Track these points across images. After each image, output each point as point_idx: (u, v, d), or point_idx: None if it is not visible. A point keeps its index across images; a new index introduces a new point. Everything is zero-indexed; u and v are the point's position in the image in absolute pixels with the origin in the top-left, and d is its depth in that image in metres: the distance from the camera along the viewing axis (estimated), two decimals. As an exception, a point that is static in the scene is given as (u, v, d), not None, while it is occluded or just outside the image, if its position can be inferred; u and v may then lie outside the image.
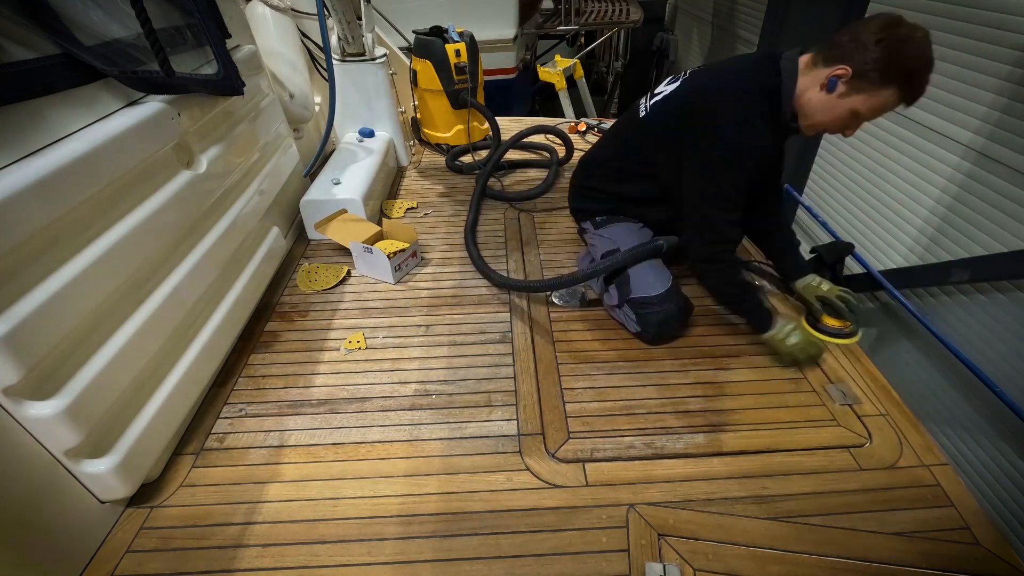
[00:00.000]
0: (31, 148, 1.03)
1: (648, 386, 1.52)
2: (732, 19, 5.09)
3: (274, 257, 1.93)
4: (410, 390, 1.54)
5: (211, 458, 1.35)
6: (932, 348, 2.43)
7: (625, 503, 1.21)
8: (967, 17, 2.30)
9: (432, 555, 1.12)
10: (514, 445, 1.36)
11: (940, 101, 2.46)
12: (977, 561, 1.08)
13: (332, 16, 2.43)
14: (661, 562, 1.08)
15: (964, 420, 2.30)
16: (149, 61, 1.29)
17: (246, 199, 1.74)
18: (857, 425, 1.38)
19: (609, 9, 5.54)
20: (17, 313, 0.94)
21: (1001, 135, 2.16)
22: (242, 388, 1.56)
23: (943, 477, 1.25)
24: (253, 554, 1.14)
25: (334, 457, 1.35)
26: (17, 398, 0.97)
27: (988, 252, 2.21)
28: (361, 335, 1.73)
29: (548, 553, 1.12)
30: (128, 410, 1.20)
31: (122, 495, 1.19)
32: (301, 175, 2.35)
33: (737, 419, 1.41)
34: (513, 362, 1.62)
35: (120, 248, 1.17)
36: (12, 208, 0.93)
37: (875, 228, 2.95)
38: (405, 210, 2.55)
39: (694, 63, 6.19)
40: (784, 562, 1.09)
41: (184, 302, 1.39)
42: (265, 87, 2.02)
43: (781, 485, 1.24)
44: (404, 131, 3.05)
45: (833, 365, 1.57)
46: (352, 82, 2.69)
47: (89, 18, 1.20)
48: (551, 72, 4.61)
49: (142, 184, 1.29)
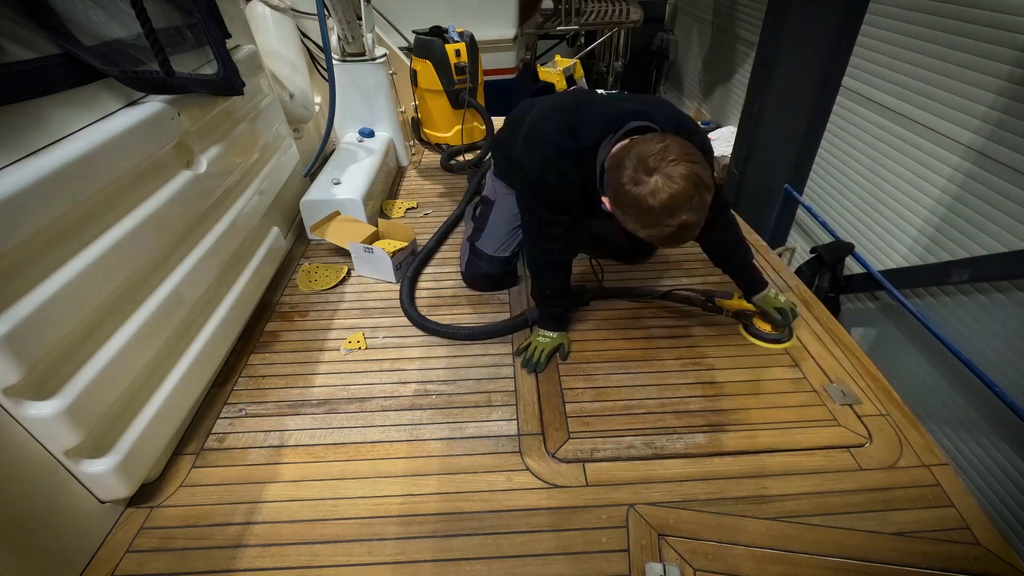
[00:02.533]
0: (31, 148, 1.03)
1: (648, 386, 1.52)
2: (732, 19, 5.09)
3: (274, 257, 1.93)
4: (410, 390, 1.54)
5: (211, 458, 1.35)
6: (932, 348, 2.43)
7: (625, 503, 1.21)
8: (967, 17, 2.30)
9: (432, 555, 1.12)
10: (514, 445, 1.36)
11: (940, 101, 2.46)
12: (977, 561, 1.08)
13: (332, 16, 2.43)
14: (661, 562, 1.08)
15: (964, 420, 2.31)
16: (149, 61, 1.29)
17: (246, 199, 1.74)
18: (857, 425, 1.38)
19: (609, 9, 5.54)
20: (17, 313, 0.94)
21: (1001, 135, 2.16)
22: (242, 388, 1.56)
23: (943, 477, 1.24)
24: (253, 554, 1.13)
25: (334, 457, 1.35)
26: (17, 398, 0.97)
27: (988, 252, 2.22)
28: (361, 335, 1.73)
29: (548, 553, 1.12)
30: (128, 410, 1.20)
31: (122, 495, 1.19)
32: (301, 175, 2.35)
33: (737, 419, 1.41)
34: (513, 362, 1.62)
35: (120, 248, 1.17)
36: (12, 208, 0.93)
37: (875, 228, 2.95)
38: (405, 210, 2.55)
39: (694, 63, 6.20)
40: (784, 562, 1.09)
41: (184, 302, 1.39)
42: (265, 87, 2.02)
43: (781, 485, 1.24)
44: (404, 131, 3.05)
45: (833, 365, 1.57)
46: (352, 82, 2.69)
47: (89, 18, 1.20)
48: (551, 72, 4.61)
49: (142, 184, 1.29)
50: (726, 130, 4.92)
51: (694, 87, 6.28)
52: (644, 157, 1.13)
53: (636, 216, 1.17)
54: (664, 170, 1.11)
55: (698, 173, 1.11)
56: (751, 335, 1.69)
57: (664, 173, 1.10)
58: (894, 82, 2.74)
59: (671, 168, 1.10)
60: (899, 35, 2.69)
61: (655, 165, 1.11)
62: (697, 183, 1.11)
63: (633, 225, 1.19)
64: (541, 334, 1.65)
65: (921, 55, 2.56)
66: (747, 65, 4.53)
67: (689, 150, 1.14)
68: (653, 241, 1.22)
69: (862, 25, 2.96)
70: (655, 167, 1.11)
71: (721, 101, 5.47)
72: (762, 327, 1.67)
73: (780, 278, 1.95)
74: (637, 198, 1.13)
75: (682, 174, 1.10)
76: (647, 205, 1.12)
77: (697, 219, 1.14)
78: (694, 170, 1.10)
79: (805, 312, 1.77)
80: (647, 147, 1.14)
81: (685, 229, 1.15)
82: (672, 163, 1.11)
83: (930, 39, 2.50)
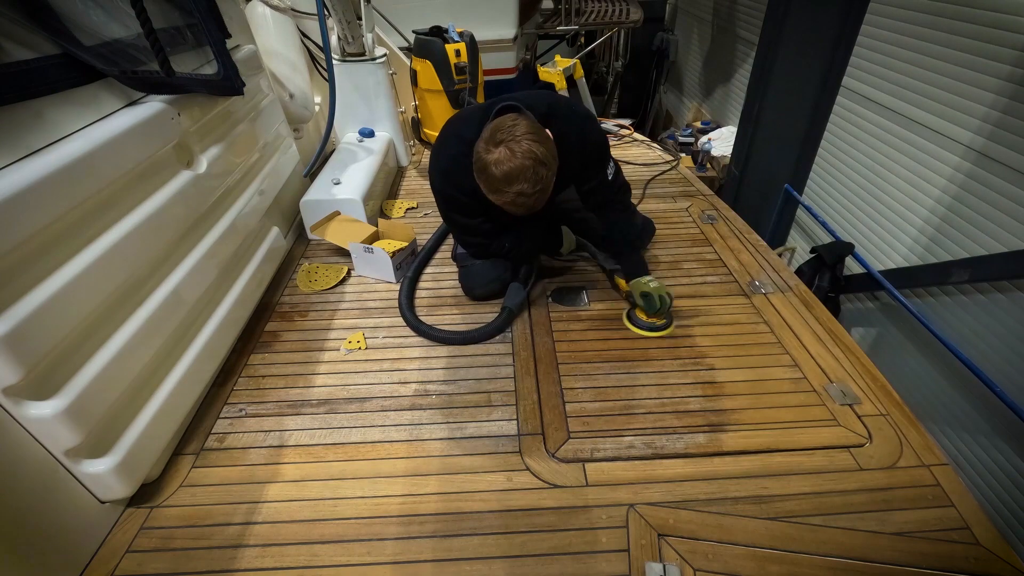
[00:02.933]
0: (31, 148, 1.03)
1: (648, 386, 1.52)
2: (732, 19, 5.09)
3: (274, 257, 1.93)
4: (410, 390, 1.54)
5: (211, 458, 1.35)
6: (932, 348, 2.43)
7: (625, 503, 1.21)
8: (967, 17, 2.30)
9: (432, 555, 1.12)
10: (514, 445, 1.36)
11: (940, 101, 2.46)
12: (977, 561, 1.08)
13: (332, 16, 2.43)
14: (661, 562, 1.08)
15: (964, 420, 2.30)
16: (149, 61, 1.29)
17: (246, 199, 1.74)
18: (857, 425, 1.38)
19: (609, 9, 5.53)
20: (17, 313, 0.94)
21: (1001, 135, 2.16)
22: (242, 388, 1.56)
23: (943, 477, 1.24)
24: (253, 554, 1.14)
25: (334, 457, 1.35)
26: (17, 398, 0.97)
27: (988, 252, 2.22)
28: (361, 335, 1.73)
29: (548, 553, 1.12)
30: (128, 410, 1.20)
31: (122, 495, 1.19)
32: (301, 175, 2.35)
33: (737, 419, 1.41)
34: (513, 362, 1.62)
35: (120, 248, 1.17)
36: (12, 208, 0.93)
37: (875, 228, 2.95)
38: (405, 210, 2.55)
39: (694, 63, 6.20)
40: (784, 562, 1.09)
41: (184, 302, 1.39)
42: (265, 87, 2.02)
43: (781, 485, 1.24)
44: (404, 131, 3.05)
45: (833, 365, 1.57)
46: (352, 82, 2.69)
47: (89, 18, 1.20)
48: (551, 72, 4.60)
49: (142, 184, 1.29)
50: (726, 130, 4.91)
51: (694, 87, 6.28)
52: (495, 130, 1.31)
53: (484, 182, 1.35)
54: (508, 143, 1.28)
55: (535, 151, 1.28)
56: (629, 321, 1.74)
57: (507, 146, 1.28)
58: (894, 82, 2.74)
59: (514, 144, 1.28)
60: (899, 35, 2.69)
61: (502, 138, 1.29)
62: (534, 159, 1.28)
63: (484, 190, 1.38)
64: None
65: (921, 55, 2.55)
66: (747, 65, 4.53)
67: (535, 130, 1.32)
68: (501, 206, 1.39)
69: (862, 25, 2.96)
70: (502, 139, 1.29)
71: (721, 101, 5.47)
72: (640, 314, 1.71)
73: (780, 278, 1.95)
74: (485, 165, 1.32)
75: (523, 150, 1.27)
76: (491, 172, 1.30)
77: (533, 191, 1.31)
78: (532, 148, 1.28)
79: (805, 312, 1.77)
80: (501, 122, 1.33)
81: (522, 197, 1.32)
82: (516, 139, 1.28)
83: (930, 39, 2.50)
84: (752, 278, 1.95)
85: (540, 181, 1.31)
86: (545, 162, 1.30)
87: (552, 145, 1.37)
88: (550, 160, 1.32)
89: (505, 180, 1.30)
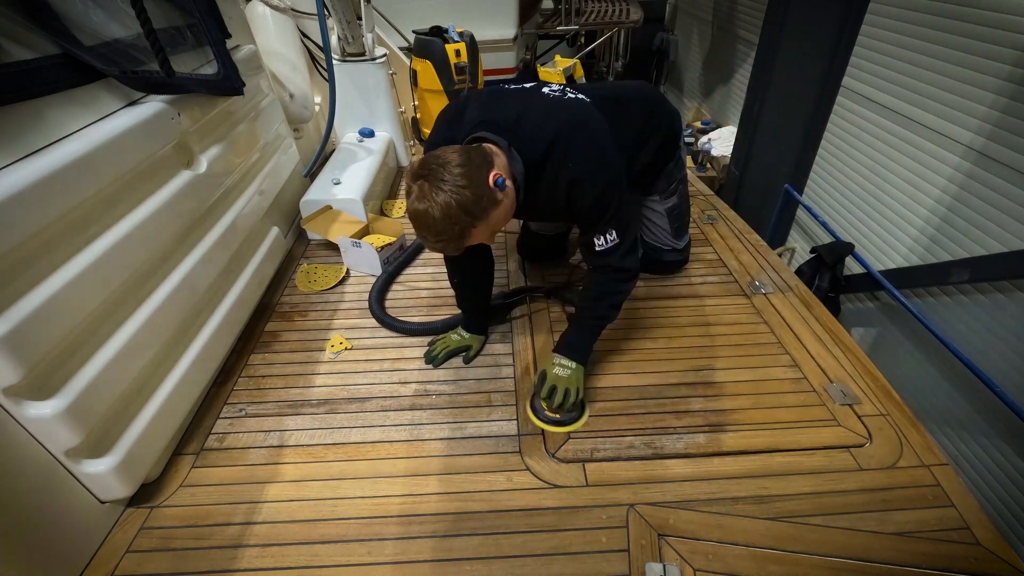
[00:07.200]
0: (31, 148, 1.03)
1: (648, 386, 1.52)
2: (732, 19, 5.09)
3: (274, 257, 1.93)
4: (410, 390, 1.54)
5: (211, 458, 1.35)
6: (932, 348, 2.43)
7: (625, 503, 1.21)
8: (967, 17, 2.30)
9: (432, 555, 1.12)
10: (514, 445, 1.36)
11: (940, 101, 2.46)
12: (977, 561, 1.08)
13: (332, 16, 2.43)
14: (661, 562, 1.08)
15: (964, 420, 2.30)
16: (149, 61, 1.29)
17: (246, 199, 1.74)
18: (857, 425, 1.38)
19: (609, 9, 5.53)
20: (17, 313, 0.94)
21: (1001, 135, 2.16)
22: (242, 388, 1.56)
23: (943, 477, 1.24)
24: (253, 554, 1.13)
25: (334, 457, 1.35)
26: (17, 398, 0.97)
27: (988, 252, 2.22)
28: (342, 337, 1.72)
29: (548, 553, 1.12)
30: (128, 410, 1.20)
31: (122, 495, 1.19)
32: (301, 175, 2.35)
33: (737, 419, 1.41)
34: (513, 362, 1.62)
35: (120, 248, 1.17)
36: (12, 208, 0.93)
37: (875, 228, 2.95)
38: (405, 210, 2.54)
39: (694, 63, 6.20)
40: (784, 562, 1.09)
41: (184, 302, 1.39)
42: (265, 87, 2.02)
43: (781, 485, 1.24)
44: (404, 131, 3.05)
45: (833, 365, 1.57)
46: (352, 82, 2.69)
47: (89, 18, 1.20)
48: (551, 72, 4.60)
49: (142, 184, 1.29)
50: (726, 130, 4.92)
51: (694, 87, 6.28)
52: (426, 161, 1.13)
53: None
54: (429, 179, 1.10)
55: (449, 202, 1.08)
56: (530, 405, 1.44)
57: (425, 183, 1.10)
58: (894, 82, 2.74)
59: (433, 188, 1.09)
60: (899, 35, 2.69)
61: (423, 173, 1.11)
62: (443, 211, 1.09)
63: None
64: (456, 332, 1.67)
65: (921, 55, 2.55)
66: (747, 65, 4.53)
67: (463, 177, 1.10)
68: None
69: (862, 25, 2.96)
70: (423, 175, 1.11)
71: (721, 101, 5.47)
72: (543, 403, 1.41)
73: (780, 278, 1.95)
74: (406, 194, 1.16)
75: (438, 200, 1.08)
76: (408, 205, 1.15)
77: (436, 240, 1.14)
78: (448, 199, 1.08)
79: (805, 312, 1.77)
80: (438, 156, 1.13)
81: (427, 242, 1.17)
82: (439, 183, 1.09)
83: (930, 39, 2.49)
84: (752, 278, 1.95)
85: (447, 234, 1.12)
86: (454, 218, 1.10)
87: (485, 195, 1.13)
88: (465, 215, 1.11)
89: (414, 218, 1.14)
